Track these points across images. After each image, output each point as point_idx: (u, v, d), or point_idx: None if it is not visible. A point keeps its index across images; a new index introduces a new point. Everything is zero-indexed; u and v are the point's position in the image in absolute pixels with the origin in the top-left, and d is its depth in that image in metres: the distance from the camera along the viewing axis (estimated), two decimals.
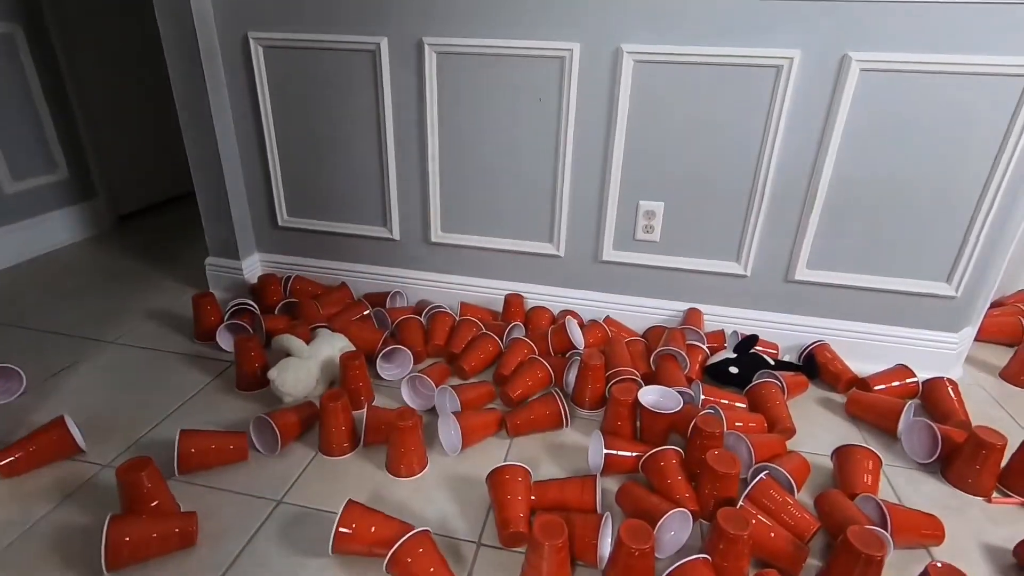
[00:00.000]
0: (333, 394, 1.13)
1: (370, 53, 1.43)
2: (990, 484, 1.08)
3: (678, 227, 1.45)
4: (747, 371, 1.34)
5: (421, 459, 1.11)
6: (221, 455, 1.09)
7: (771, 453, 1.11)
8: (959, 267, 1.34)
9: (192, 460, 1.06)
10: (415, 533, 0.86)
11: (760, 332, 1.48)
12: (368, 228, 1.66)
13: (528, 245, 1.56)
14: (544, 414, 1.19)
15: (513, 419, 1.18)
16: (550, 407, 1.19)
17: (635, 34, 1.28)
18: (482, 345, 1.42)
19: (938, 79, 1.19)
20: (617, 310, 1.57)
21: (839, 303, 1.44)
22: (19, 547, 0.93)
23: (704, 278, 1.49)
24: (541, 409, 1.19)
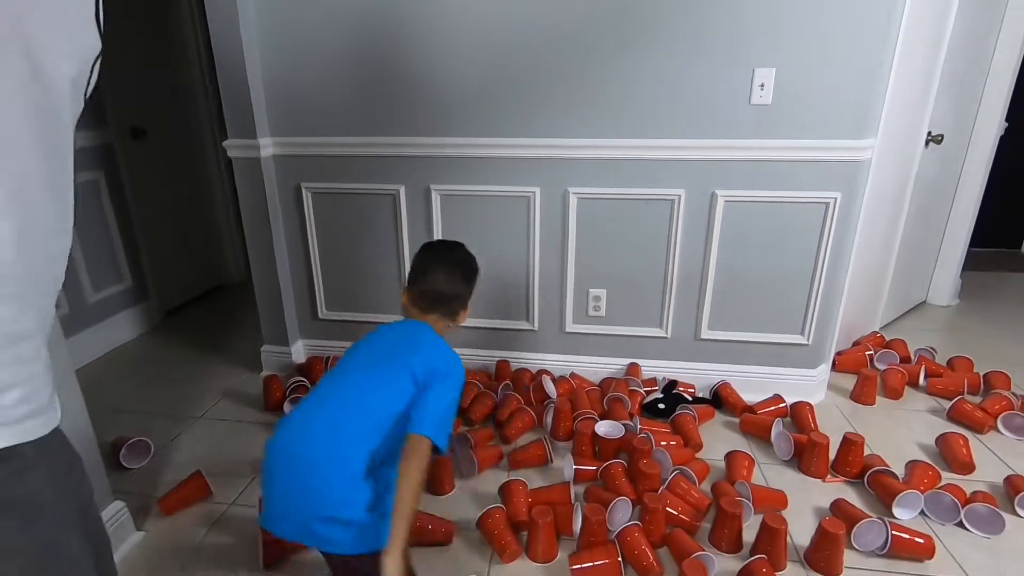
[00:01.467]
0: None
1: (391, 196, 2.02)
2: (824, 469, 1.65)
3: (618, 305, 2.04)
4: (671, 406, 1.91)
5: (451, 482, 1.62)
6: None
7: (684, 460, 1.66)
8: (807, 323, 1.96)
9: None
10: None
11: (680, 377, 2.07)
12: (387, 316, 2.20)
13: (510, 323, 2.13)
14: (535, 455, 1.70)
15: (512, 456, 1.70)
16: (539, 450, 1.71)
17: (578, 181, 1.91)
18: (483, 401, 1.95)
19: (774, 205, 1.84)
20: (579, 367, 2.14)
21: (734, 352, 2.04)
22: (194, 556, 1.40)
23: (639, 340, 2.08)
24: (534, 451, 1.71)
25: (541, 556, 1.37)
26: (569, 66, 1.79)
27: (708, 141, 1.80)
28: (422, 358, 1.05)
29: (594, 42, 1.75)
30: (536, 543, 1.36)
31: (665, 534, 1.40)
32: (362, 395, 1.02)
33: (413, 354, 1.06)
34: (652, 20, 1.71)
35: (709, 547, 1.40)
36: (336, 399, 1.03)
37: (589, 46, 1.76)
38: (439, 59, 1.84)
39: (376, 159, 1.99)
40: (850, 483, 1.63)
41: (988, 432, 1.86)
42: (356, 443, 0.96)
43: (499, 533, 1.39)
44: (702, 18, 1.69)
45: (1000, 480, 1.62)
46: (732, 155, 1.80)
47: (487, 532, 1.40)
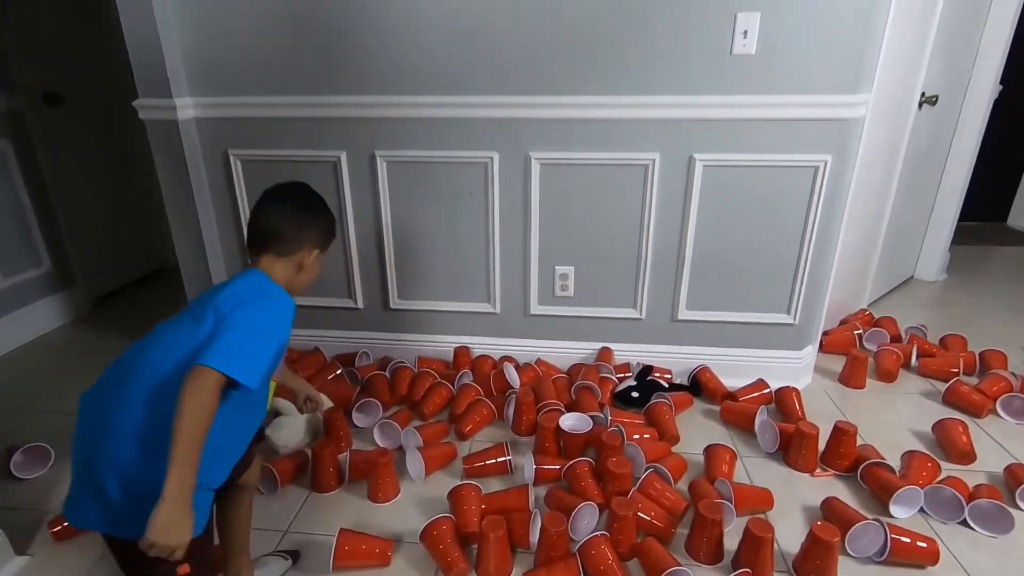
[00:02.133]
0: (324, 443, 1.44)
1: (332, 164, 1.78)
2: (813, 463, 1.49)
3: (587, 285, 1.85)
4: (646, 394, 1.73)
5: (395, 487, 1.43)
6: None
7: (659, 456, 1.48)
8: (793, 300, 1.79)
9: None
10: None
11: (656, 362, 1.89)
12: (336, 300, 1.98)
13: (471, 306, 1.92)
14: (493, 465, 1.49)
15: (467, 462, 1.49)
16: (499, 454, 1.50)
17: (539, 145, 1.69)
18: (438, 392, 1.75)
19: (758, 170, 1.64)
20: (546, 353, 1.94)
21: (714, 334, 1.86)
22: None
23: (611, 323, 1.89)
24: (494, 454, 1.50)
25: (492, 574, 1.18)
26: (528, 15, 1.56)
27: (684, 98, 1.59)
28: (229, 291, 0.90)
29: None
30: (486, 560, 1.18)
31: (636, 544, 1.22)
32: (155, 343, 0.87)
33: (221, 290, 0.90)
34: None
35: (686, 557, 1.23)
36: (129, 352, 0.88)
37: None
38: (384, 7, 1.60)
39: (314, 122, 1.75)
40: (841, 477, 1.47)
41: (987, 416, 1.71)
42: (134, 399, 0.81)
43: (444, 548, 1.20)
44: None
45: (1001, 469, 1.48)
46: (711, 113, 1.60)
47: (431, 547, 1.21)
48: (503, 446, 1.51)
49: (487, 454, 1.50)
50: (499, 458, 1.49)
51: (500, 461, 1.48)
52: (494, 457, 1.49)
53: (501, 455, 1.49)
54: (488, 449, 1.52)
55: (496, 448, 1.51)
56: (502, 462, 1.48)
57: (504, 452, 1.50)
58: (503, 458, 1.48)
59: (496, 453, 1.50)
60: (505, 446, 1.51)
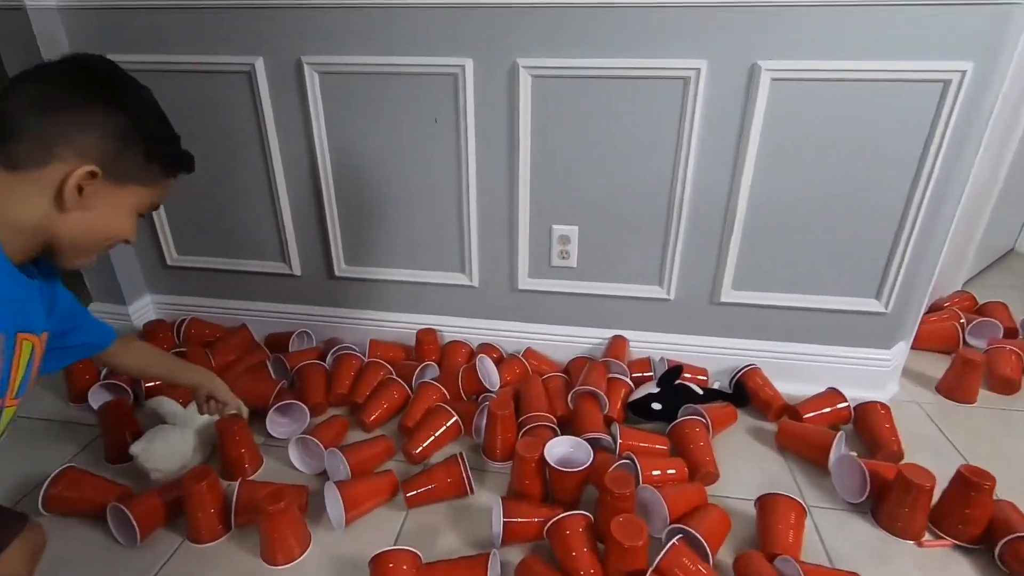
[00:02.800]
0: (198, 473, 1.00)
1: (245, 75, 1.28)
2: (920, 526, 1.00)
3: (595, 251, 1.34)
4: (671, 405, 1.25)
5: (301, 540, 0.98)
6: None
7: (690, 506, 1.01)
8: (887, 282, 1.26)
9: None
10: None
11: (688, 357, 1.39)
12: (266, 264, 1.51)
13: (439, 276, 1.44)
14: (444, 482, 1.07)
15: (409, 489, 1.05)
16: (451, 474, 1.07)
17: (531, 48, 1.17)
18: (386, 393, 1.29)
19: (854, 87, 1.10)
20: (539, 340, 1.46)
21: (768, 324, 1.36)
22: None
23: (627, 303, 1.39)
24: (442, 476, 1.07)
25: None
26: None
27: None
28: None
29: None
30: None
31: None
32: None
33: None
34: None
35: None
36: None
37: None
38: None
39: (218, 15, 1.25)
40: (965, 549, 0.98)
41: None
42: None
43: None
44: None
45: None
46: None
47: None
48: (456, 460, 1.06)
49: (433, 474, 1.05)
50: (449, 479, 1.04)
51: (451, 482, 1.04)
52: (443, 478, 1.05)
53: (454, 473, 1.04)
54: (434, 468, 1.07)
55: (447, 464, 1.06)
56: (455, 482, 1.04)
57: (459, 467, 1.05)
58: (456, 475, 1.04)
59: (447, 472, 1.05)
60: (460, 461, 1.06)
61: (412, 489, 1.05)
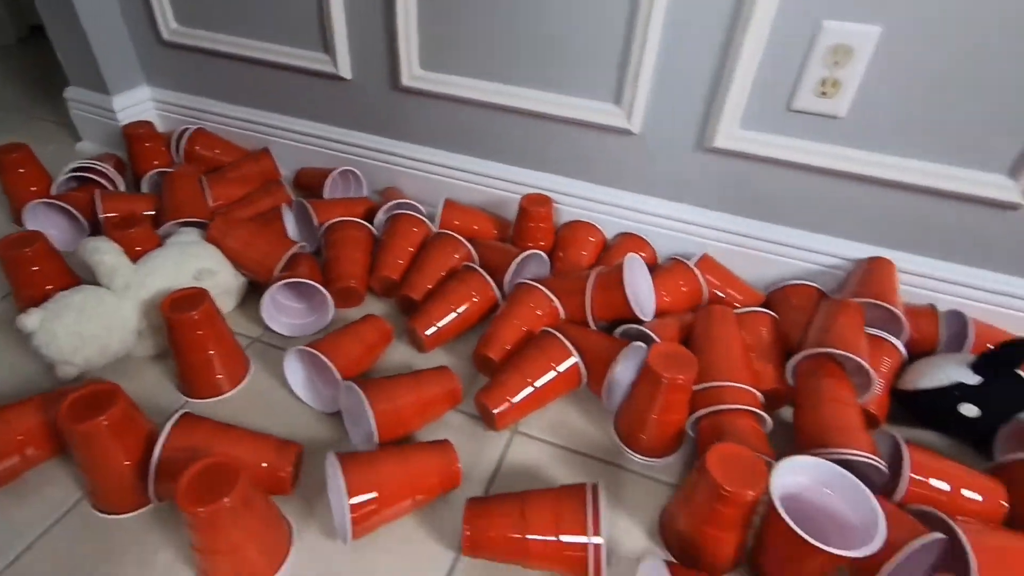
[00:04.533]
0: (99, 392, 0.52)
1: None
2: None
3: (899, 87, 0.67)
4: (1001, 414, 0.64)
5: (271, 551, 0.52)
6: None
7: None
8: None
9: None
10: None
11: (1017, 318, 0.75)
12: (300, 55, 0.95)
13: (575, 105, 0.82)
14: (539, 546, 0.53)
15: (474, 526, 0.53)
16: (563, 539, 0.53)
17: None
18: (462, 290, 0.76)
19: None
20: (726, 243, 0.85)
21: None
22: None
23: (926, 203, 0.73)
24: (536, 530, 0.54)
25: None
26: None
27: None
28: None
29: None
30: None
31: None
32: None
33: None
34: None
35: None
36: None
37: None
38: None
39: None
40: None
41: None
42: None
43: None
44: None
45: None
46: None
47: None
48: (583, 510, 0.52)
49: (527, 519, 0.53)
50: (556, 549, 0.51)
51: (562, 551, 0.51)
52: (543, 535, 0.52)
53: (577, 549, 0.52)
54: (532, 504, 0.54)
55: (565, 500, 0.53)
56: (573, 555, 0.51)
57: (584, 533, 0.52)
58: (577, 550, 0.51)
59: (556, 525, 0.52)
60: (587, 515, 0.52)
61: (476, 530, 0.53)
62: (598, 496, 0.52)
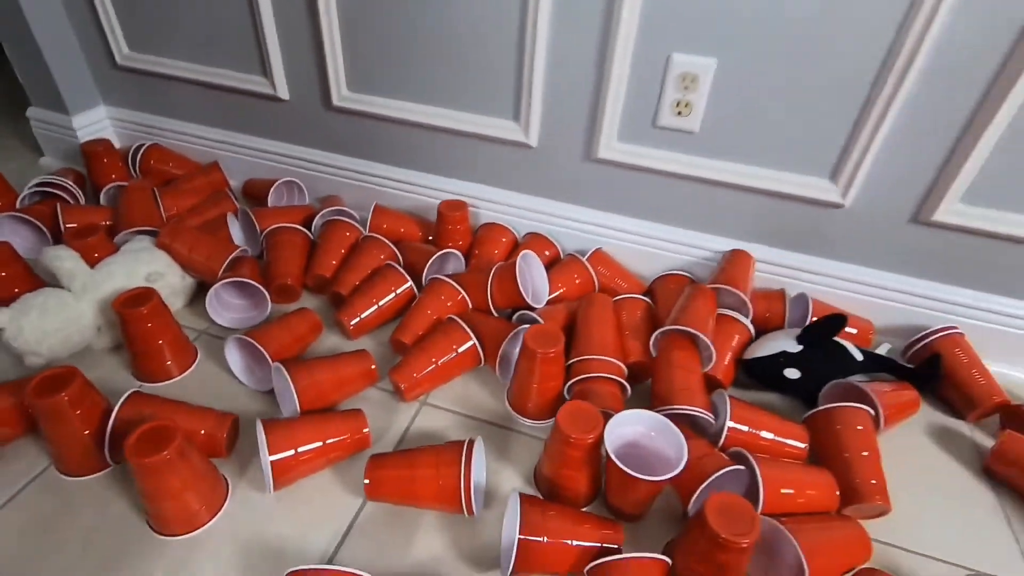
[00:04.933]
0: (57, 375, 0.63)
1: None
2: None
3: (736, 108, 0.81)
4: (817, 376, 0.78)
5: (208, 500, 0.63)
6: None
7: (843, 567, 0.58)
8: None
9: None
10: None
11: (852, 301, 0.89)
12: (242, 78, 1.06)
13: (479, 122, 0.95)
14: (430, 483, 0.65)
15: (376, 471, 0.65)
16: (447, 467, 0.66)
17: None
18: (382, 285, 0.88)
19: None
20: (615, 240, 0.98)
21: (997, 264, 0.82)
22: None
23: (768, 202, 0.87)
24: (425, 472, 0.65)
25: None
26: None
27: None
28: None
29: None
30: None
31: None
32: None
33: None
34: None
35: None
36: None
37: None
38: None
39: None
40: None
41: None
42: None
43: None
44: None
45: None
46: None
47: None
48: (458, 454, 0.65)
49: (416, 462, 0.65)
50: (446, 482, 0.64)
51: (446, 488, 0.64)
52: (432, 477, 0.64)
53: (452, 472, 0.64)
54: (420, 454, 0.67)
55: (448, 451, 0.66)
56: (449, 489, 0.63)
57: (458, 466, 0.64)
58: (454, 483, 0.63)
59: (445, 463, 0.65)
60: (462, 455, 0.65)
61: (379, 471, 0.65)
62: (472, 445, 0.64)
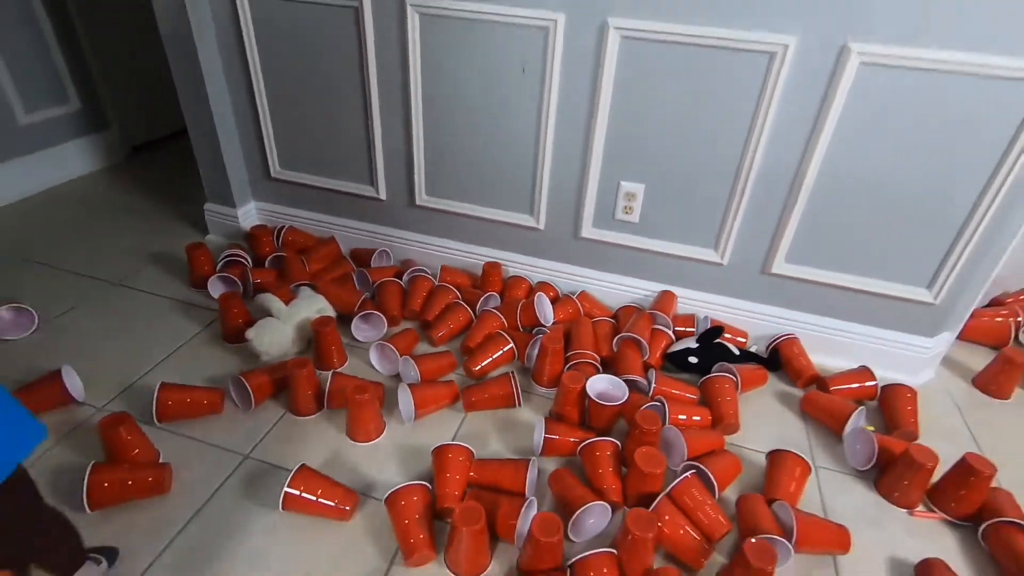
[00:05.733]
0: (300, 361, 1.21)
1: (352, 10, 1.38)
2: (916, 499, 1.11)
3: (658, 210, 1.43)
4: (707, 361, 1.37)
5: (378, 426, 1.20)
6: (196, 408, 1.20)
7: (707, 448, 1.15)
8: (942, 275, 1.30)
9: (169, 411, 1.18)
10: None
11: (732, 319, 1.49)
12: (356, 186, 1.68)
13: (508, 216, 1.56)
14: (498, 394, 1.25)
15: (468, 396, 1.24)
16: (504, 388, 1.25)
17: (624, 7, 1.21)
18: (453, 315, 1.47)
19: (943, 79, 1.10)
20: (593, 285, 1.59)
21: (814, 298, 1.42)
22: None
23: (681, 263, 1.48)
24: (496, 389, 1.25)
25: (462, 570, 0.95)
26: None
27: None
28: None
29: None
30: (456, 553, 0.94)
31: (650, 571, 0.94)
32: None
33: None
34: None
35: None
36: None
37: None
38: None
39: None
40: (955, 525, 1.09)
41: None
42: None
43: (409, 525, 0.97)
44: None
45: None
46: None
47: (395, 519, 0.99)
48: (509, 377, 1.25)
49: (488, 387, 1.25)
50: (502, 392, 1.25)
51: (503, 394, 1.26)
52: (497, 391, 1.25)
53: (506, 387, 1.24)
54: (491, 382, 1.27)
55: (501, 380, 1.26)
56: (507, 395, 1.25)
57: (510, 383, 1.25)
58: (508, 389, 1.26)
59: (500, 386, 1.25)
60: (512, 377, 1.25)
61: (471, 396, 1.24)
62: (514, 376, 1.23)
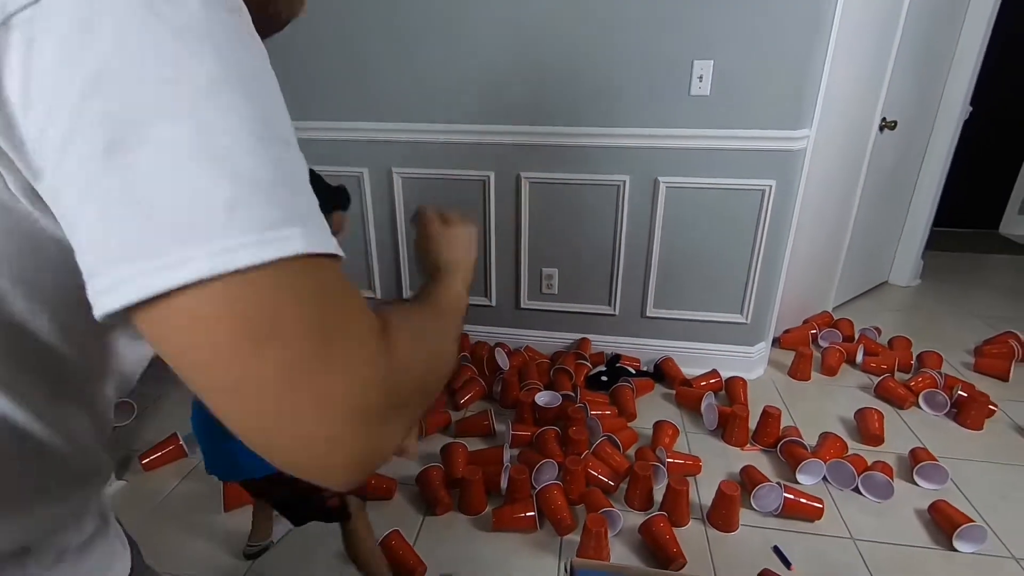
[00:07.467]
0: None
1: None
2: (744, 439, 1.80)
3: (569, 283, 2.17)
4: (613, 379, 2.06)
5: None
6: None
7: (615, 428, 1.81)
8: (745, 302, 2.07)
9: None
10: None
11: (627, 352, 2.21)
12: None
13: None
14: (480, 424, 1.86)
15: (460, 426, 1.86)
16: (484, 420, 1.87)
17: (529, 166, 2.01)
18: None
19: (714, 192, 1.93)
20: (533, 341, 2.28)
21: (677, 329, 2.17)
22: (164, 504, 1.58)
23: (589, 317, 2.21)
24: (480, 420, 1.87)
25: (470, 509, 1.54)
26: (528, 68, 1.87)
27: (651, 130, 1.89)
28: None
29: (554, 40, 1.83)
30: (466, 497, 1.53)
31: (584, 492, 1.56)
32: None
33: None
34: (597, 15, 1.78)
35: (623, 505, 1.56)
36: None
37: (553, 40, 1.84)
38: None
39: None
40: (766, 451, 1.78)
41: (909, 408, 1.98)
42: None
43: (434, 488, 1.55)
44: (645, 10, 1.76)
45: (907, 452, 1.75)
46: (673, 143, 1.89)
47: (424, 487, 1.57)
48: (488, 414, 1.86)
49: (474, 421, 1.86)
50: (484, 422, 1.85)
51: (484, 424, 1.85)
52: (480, 422, 1.85)
53: (486, 420, 1.85)
54: (475, 416, 1.88)
55: (482, 415, 1.87)
56: (486, 425, 1.84)
57: (488, 418, 1.85)
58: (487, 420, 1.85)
59: (482, 420, 1.86)
60: (489, 414, 1.86)
61: (461, 426, 1.85)
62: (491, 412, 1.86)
